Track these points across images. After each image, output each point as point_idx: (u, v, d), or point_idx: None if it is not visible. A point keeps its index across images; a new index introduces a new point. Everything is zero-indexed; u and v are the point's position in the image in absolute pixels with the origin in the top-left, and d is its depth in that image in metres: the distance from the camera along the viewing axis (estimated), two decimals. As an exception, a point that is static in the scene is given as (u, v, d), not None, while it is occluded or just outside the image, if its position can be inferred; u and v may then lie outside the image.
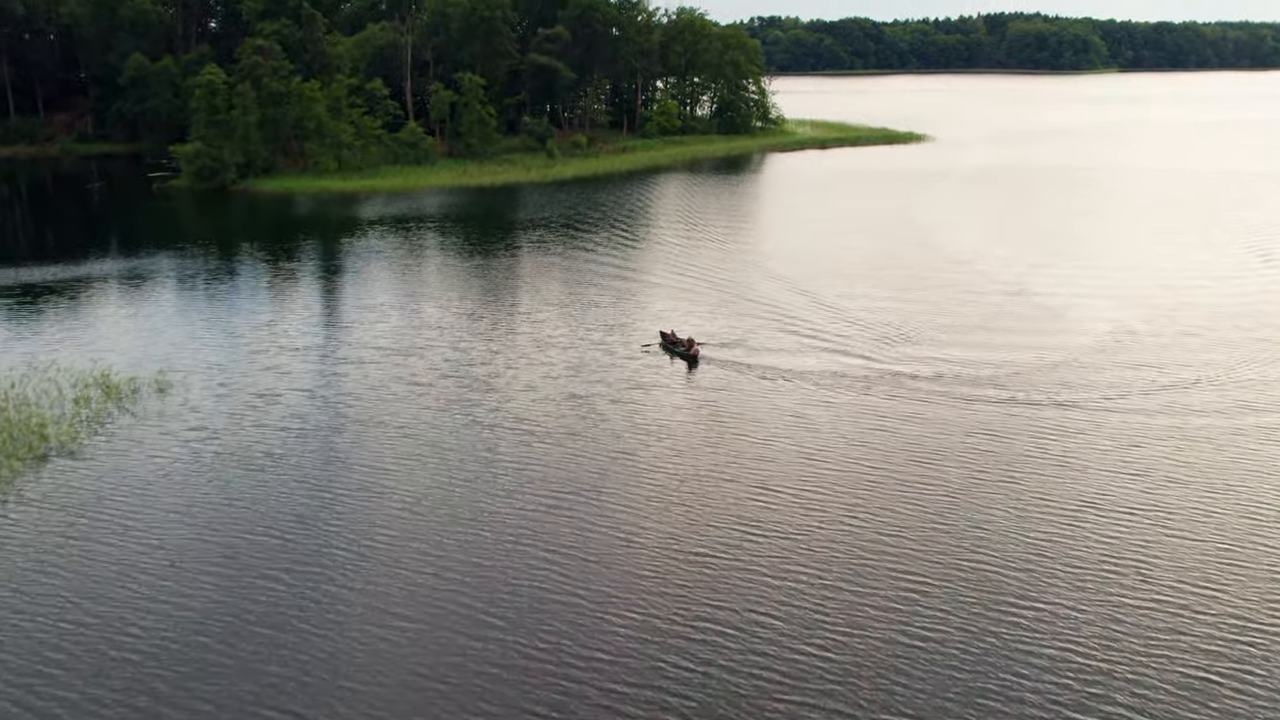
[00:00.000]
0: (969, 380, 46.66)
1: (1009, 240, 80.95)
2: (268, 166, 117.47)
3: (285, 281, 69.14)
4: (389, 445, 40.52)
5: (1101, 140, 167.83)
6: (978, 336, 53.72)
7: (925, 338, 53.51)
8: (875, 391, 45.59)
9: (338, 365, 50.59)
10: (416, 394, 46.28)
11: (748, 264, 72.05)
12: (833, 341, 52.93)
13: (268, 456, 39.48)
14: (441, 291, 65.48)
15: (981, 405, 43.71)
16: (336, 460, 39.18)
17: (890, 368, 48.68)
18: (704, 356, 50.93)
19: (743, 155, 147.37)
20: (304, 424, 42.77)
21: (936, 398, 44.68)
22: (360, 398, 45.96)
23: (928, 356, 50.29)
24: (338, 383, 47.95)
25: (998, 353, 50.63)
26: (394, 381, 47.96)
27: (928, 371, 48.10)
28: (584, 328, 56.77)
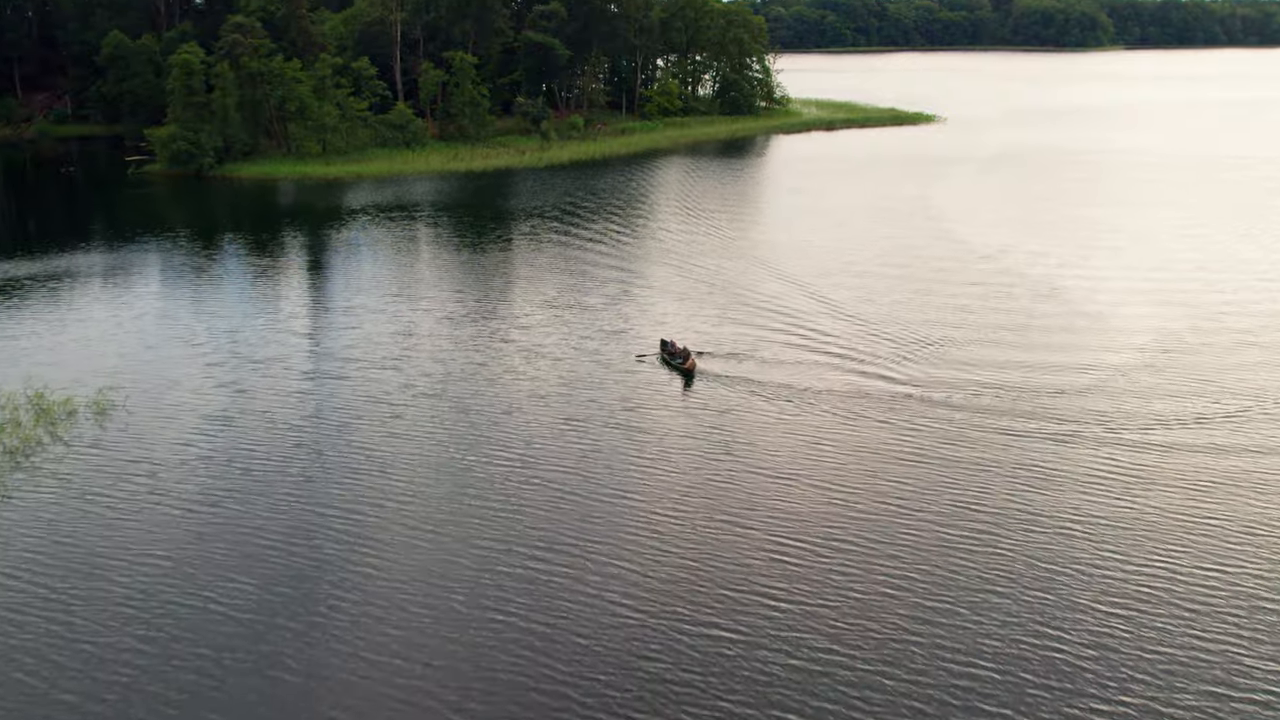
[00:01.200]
0: (1005, 409, 41.21)
1: (1035, 232, 75.58)
2: (248, 150, 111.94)
3: (254, 280, 63.85)
4: (351, 483, 35.40)
5: (1119, 121, 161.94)
6: (1011, 349, 48.39)
7: (951, 351, 48.22)
8: (895, 419, 40.37)
9: (302, 381, 45.43)
10: (387, 418, 41.13)
11: (753, 260, 66.73)
12: (847, 354, 47.70)
13: (211, 498, 34.35)
14: (423, 292, 60.22)
15: (1020, 440, 38.45)
16: (290, 504, 34.07)
17: (913, 388, 43.44)
18: (703, 371, 45.89)
19: (746, 138, 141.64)
20: (257, 456, 37.65)
21: (967, 428, 39.44)
22: (324, 421, 40.84)
23: (955, 375, 44.96)
24: (300, 404, 42.81)
25: (1035, 372, 45.21)
26: (362, 403, 42.79)
27: (956, 395, 42.80)
28: (577, 335, 51.58)
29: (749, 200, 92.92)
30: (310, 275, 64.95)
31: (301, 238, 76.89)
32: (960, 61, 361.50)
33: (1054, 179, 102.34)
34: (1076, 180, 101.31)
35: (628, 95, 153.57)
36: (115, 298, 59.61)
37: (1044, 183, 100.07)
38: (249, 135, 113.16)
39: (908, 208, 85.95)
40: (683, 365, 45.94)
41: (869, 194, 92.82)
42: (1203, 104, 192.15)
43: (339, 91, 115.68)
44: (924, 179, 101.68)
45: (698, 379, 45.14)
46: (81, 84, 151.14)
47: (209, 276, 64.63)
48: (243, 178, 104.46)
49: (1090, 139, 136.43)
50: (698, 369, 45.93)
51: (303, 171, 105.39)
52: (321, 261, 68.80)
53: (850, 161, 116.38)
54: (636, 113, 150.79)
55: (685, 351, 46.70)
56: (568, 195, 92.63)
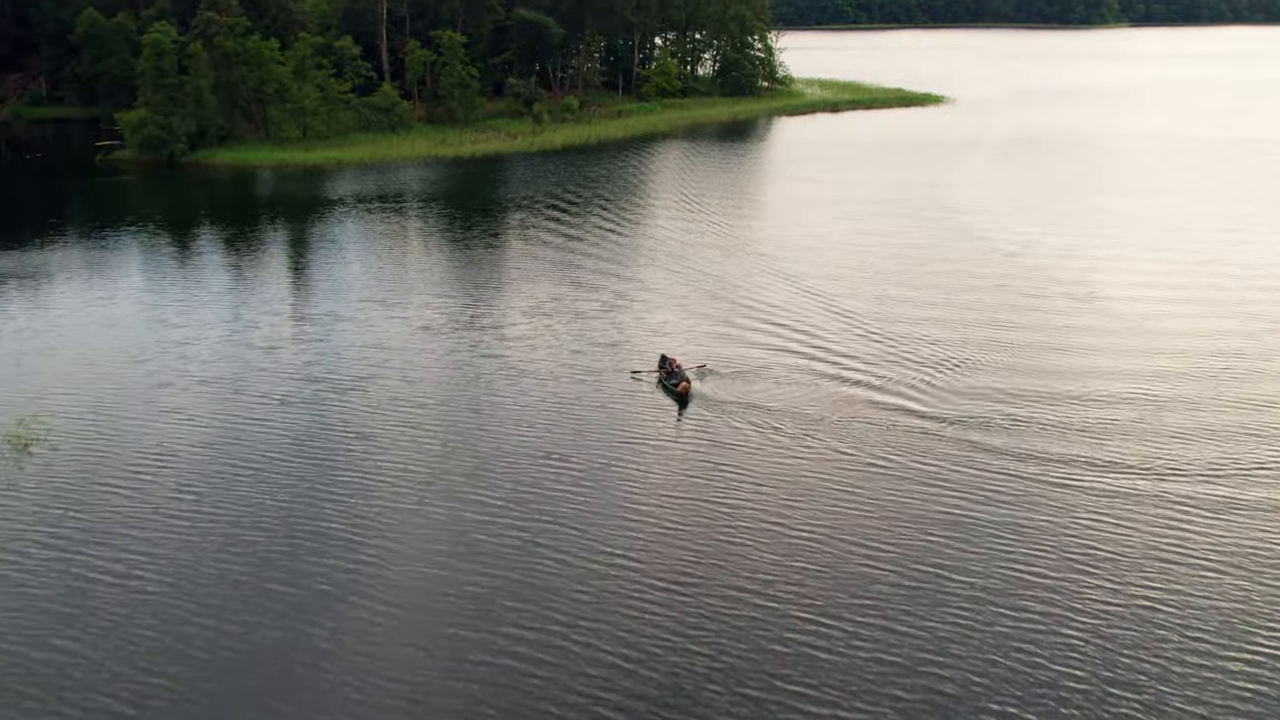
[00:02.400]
0: (1048, 452, 35.85)
1: (1060, 226, 70.23)
2: (224, 135, 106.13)
3: (214, 284, 58.44)
4: (296, 533, 30.25)
5: (1131, 102, 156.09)
6: (1050, 370, 42.97)
7: (982, 373, 42.82)
8: (917, 462, 35.20)
9: (253, 407, 40.19)
10: (345, 451, 35.99)
11: (759, 260, 61.35)
12: (862, 377, 42.39)
13: (133, 567, 29.17)
14: (399, 297, 54.88)
15: (1068, 489, 33.32)
16: (230, 561, 28.92)
17: (938, 422, 38.16)
18: (701, 395, 40.89)
19: (748, 120, 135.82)
20: (198, 506, 32.44)
21: (1002, 476, 34.19)
22: (273, 452, 35.69)
23: (987, 405, 39.56)
24: (253, 435, 37.62)
25: (1080, 405, 39.62)
26: (318, 433, 37.61)
27: (990, 432, 37.56)
28: (567, 349, 46.34)
29: (753, 190, 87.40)
30: (276, 278, 59.57)
31: (271, 233, 71.44)
32: (964, 39, 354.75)
33: (1073, 165, 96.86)
34: (1097, 166, 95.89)
35: (624, 75, 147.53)
36: (58, 304, 54.26)
37: (1063, 169, 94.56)
38: (225, 119, 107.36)
39: (921, 198, 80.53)
40: (675, 388, 40.86)
41: (880, 183, 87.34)
42: (1214, 84, 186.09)
43: (320, 73, 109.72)
44: (936, 165, 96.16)
45: (695, 403, 40.07)
46: (56, 64, 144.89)
47: (165, 279, 59.22)
48: (217, 165, 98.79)
49: (1104, 121, 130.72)
50: (693, 392, 40.98)
51: (280, 158, 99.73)
52: (289, 262, 63.44)
53: (858, 146, 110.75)
54: (633, 94, 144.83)
55: (682, 372, 41.60)
56: (560, 184, 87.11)
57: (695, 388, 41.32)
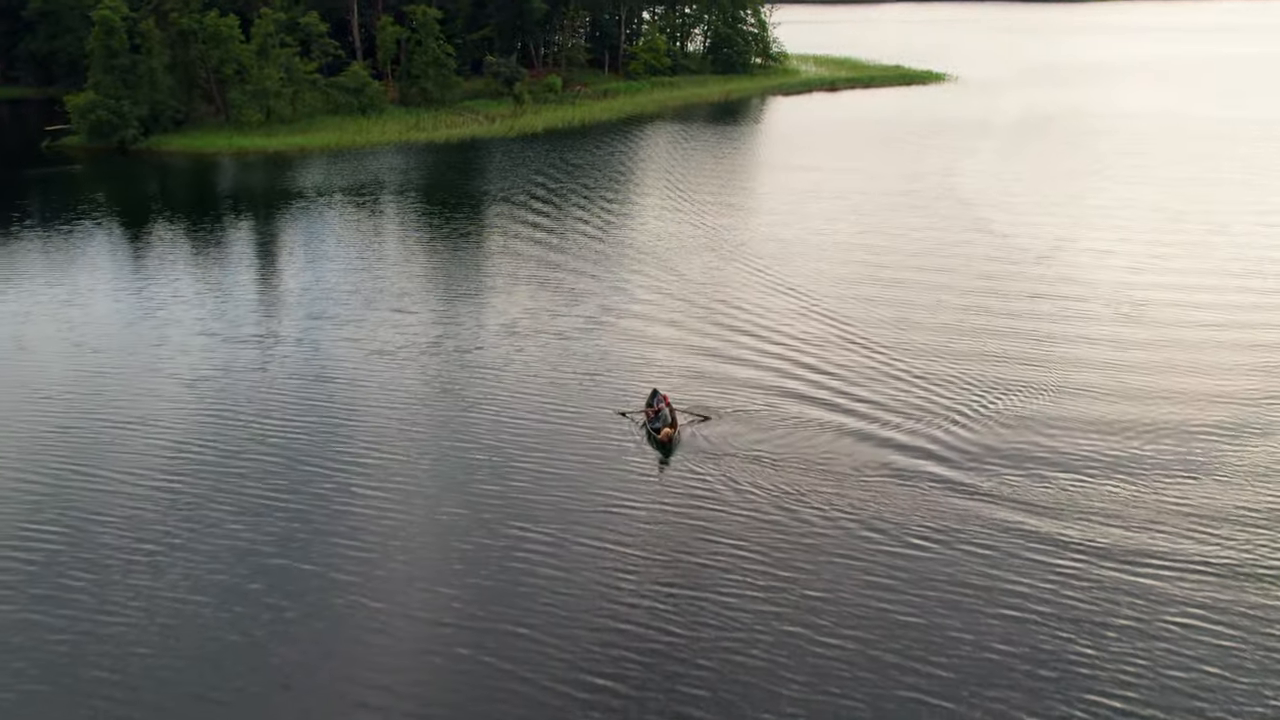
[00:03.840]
0: (1115, 544, 29.72)
1: (1090, 221, 63.82)
2: (181, 120, 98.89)
3: (143, 296, 51.58)
4: (213, 642, 23.81)
5: (1138, 80, 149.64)
6: (1107, 419, 36.36)
7: (1022, 415, 36.29)
8: (946, 542, 28.86)
9: (164, 456, 33.56)
10: (273, 510, 29.43)
11: (758, 266, 54.69)
12: (877, 418, 35.97)
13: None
14: (351, 314, 48.18)
15: (1144, 590, 27.09)
16: (90, 646, 22.50)
17: (972, 485, 31.83)
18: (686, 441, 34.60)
19: (742, 100, 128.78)
20: (83, 582, 25.96)
21: (1052, 561, 27.97)
22: (184, 527, 29.12)
23: (1030, 460, 33.21)
24: (156, 496, 31.03)
25: (1146, 471, 33.16)
26: (236, 486, 31.02)
27: (1037, 503, 31.22)
28: (541, 378, 39.79)
29: (749, 182, 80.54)
30: (212, 290, 52.75)
31: (214, 234, 64.47)
32: (957, 12, 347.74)
33: (1092, 150, 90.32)
34: (1117, 151, 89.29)
35: (611, 52, 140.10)
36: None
37: (1081, 155, 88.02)
38: (182, 102, 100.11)
39: (933, 189, 73.97)
40: (657, 434, 34.65)
41: (887, 172, 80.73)
42: (1219, 60, 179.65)
43: (284, 51, 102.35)
44: (945, 151, 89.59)
45: (681, 451, 33.77)
46: (9, 41, 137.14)
47: (88, 292, 52.32)
48: (171, 152, 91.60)
49: (1114, 100, 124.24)
50: (677, 439, 34.74)
51: (240, 144, 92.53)
52: (230, 271, 56.55)
53: (859, 129, 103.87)
54: (620, 72, 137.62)
55: (667, 415, 35.22)
56: (539, 174, 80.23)
57: (686, 430, 35.01)
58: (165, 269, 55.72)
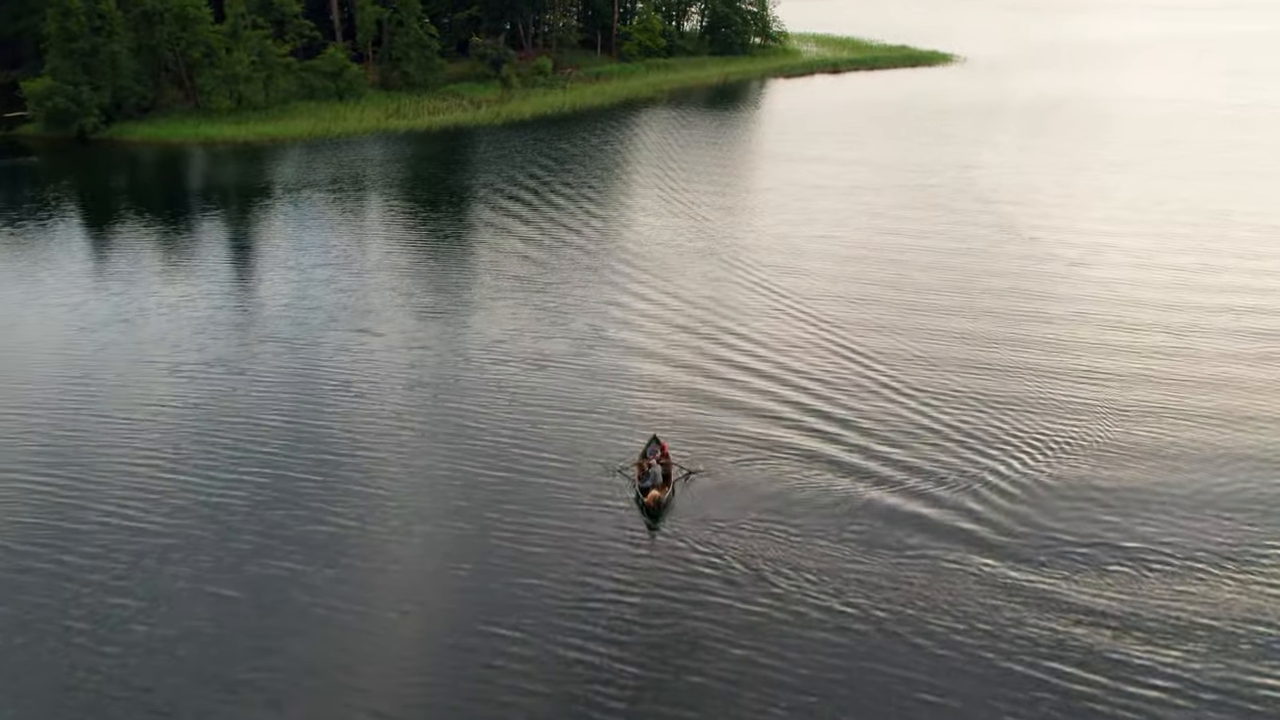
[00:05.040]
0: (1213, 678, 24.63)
1: (1128, 222, 58.46)
2: (146, 107, 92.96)
3: (69, 316, 46.08)
4: None
5: (1155, 61, 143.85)
6: (1186, 493, 30.97)
7: (1076, 482, 31.21)
8: (994, 643, 23.75)
9: (86, 497, 28.26)
10: (205, 578, 24.22)
11: (764, 279, 49.14)
12: (902, 472, 30.95)
13: None
14: (308, 334, 42.73)
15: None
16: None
17: (1019, 574, 26.78)
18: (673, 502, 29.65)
19: (741, 82, 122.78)
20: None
21: (1127, 688, 22.86)
22: (81, 609, 23.93)
23: (1091, 553, 28.08)
24: (69, 552, 25.79)
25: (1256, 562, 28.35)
26: (145, 565, 25.77)
27: (1098, 593, 26.16)
28: (519, 421, 34.46)
29: (751, 175, 74.74)
30: (151, 308, 47.25)
31: (165, 236, 58.87)
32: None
33: (1114, 139, 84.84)
34: (1144, 142, 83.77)
35: (603, 33, 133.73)
36: None
37: (1104, 145, 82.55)
38: (149, 88, 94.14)
39: (951, 183, 68.51)
40: (643, 497, 29.50)
41: (898, 163, 75.20)
42: (1228, 38, 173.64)
43: (256, 33, 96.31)
44: (959, 140, 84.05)
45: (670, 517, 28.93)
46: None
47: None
48: (134, 142, 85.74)
49: (1130, 84, 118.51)
50: (669, 502, 29.74)
51: (208, 133, 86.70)
52: (178, 282, 51.02)
53: (866, 115, 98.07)
54: (613, 53, 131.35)
55: (656, 473, 30.06)
56: (525, 167, 74.55)
57: (680, 488, 29.85)
58: (115, 276, 50.18)
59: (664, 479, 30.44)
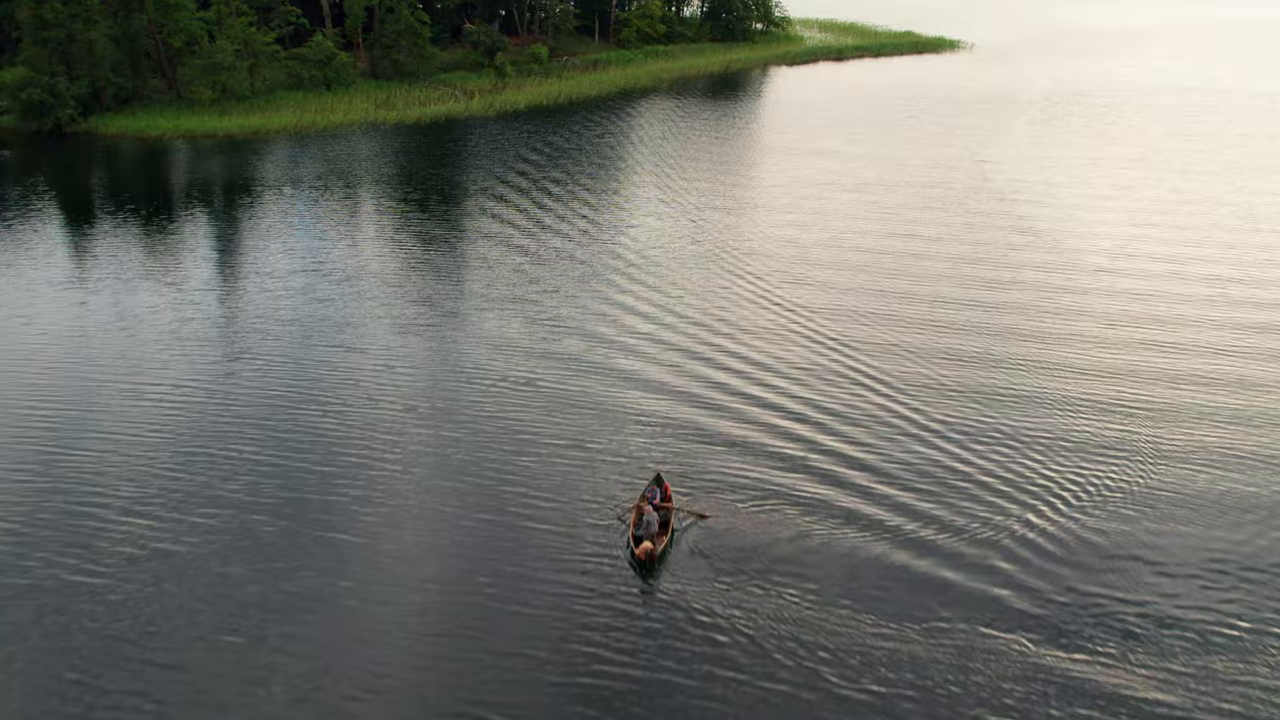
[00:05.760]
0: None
1: (1155, 224, 55.08)
2: (126, 98, 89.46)
3: (18, 323, 42.82)
4: None
5: (1168, 47, 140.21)
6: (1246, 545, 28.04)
7: (1119, 539, 28.06)
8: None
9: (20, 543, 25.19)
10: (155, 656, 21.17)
11: (769, 291, 45.84)
12: (929, 532, 27.76)
13: None
14: (278, 356, 39.45)
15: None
16: None
17: (1060, 646, 23.70)
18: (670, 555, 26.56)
19: (742, 70, 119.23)
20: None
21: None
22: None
23: (1138, 625, 25.08)
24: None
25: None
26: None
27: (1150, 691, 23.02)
28: (504, 452, 31.24)
29: (755, 171, 71.19)
30: (112, 321, 43.97)
31: (133, 241, 55.50)
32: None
33: (1132, 130, 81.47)
34: (1161, 131, 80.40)
35: (601, 19, 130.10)
36: None
37: (1122, 136, 79.21)
38: (129, 78, 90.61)
39: (965, 180, 65.15)
40: (634, 548, 26.37)
41: (909, 157, 71.83)
42: (1251, 25, 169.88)
43: (239, 20, 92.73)
44: (972, 132, 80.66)
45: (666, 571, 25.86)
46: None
47: None
48: (111, 135, 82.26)
49: (1145, 72, 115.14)
50: (665, 554, 26.59)
51: (188, 126, 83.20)
52: (141, 295, 47.71)
53: (873, 105, 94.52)
54: (611, 40, 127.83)
55: (655, 522, 26.85)
56: (517, 162, 71.16)
57: (681, 536, 26.74)
58: (79, 283, 46.89)
59: (662, 526, 27.34)
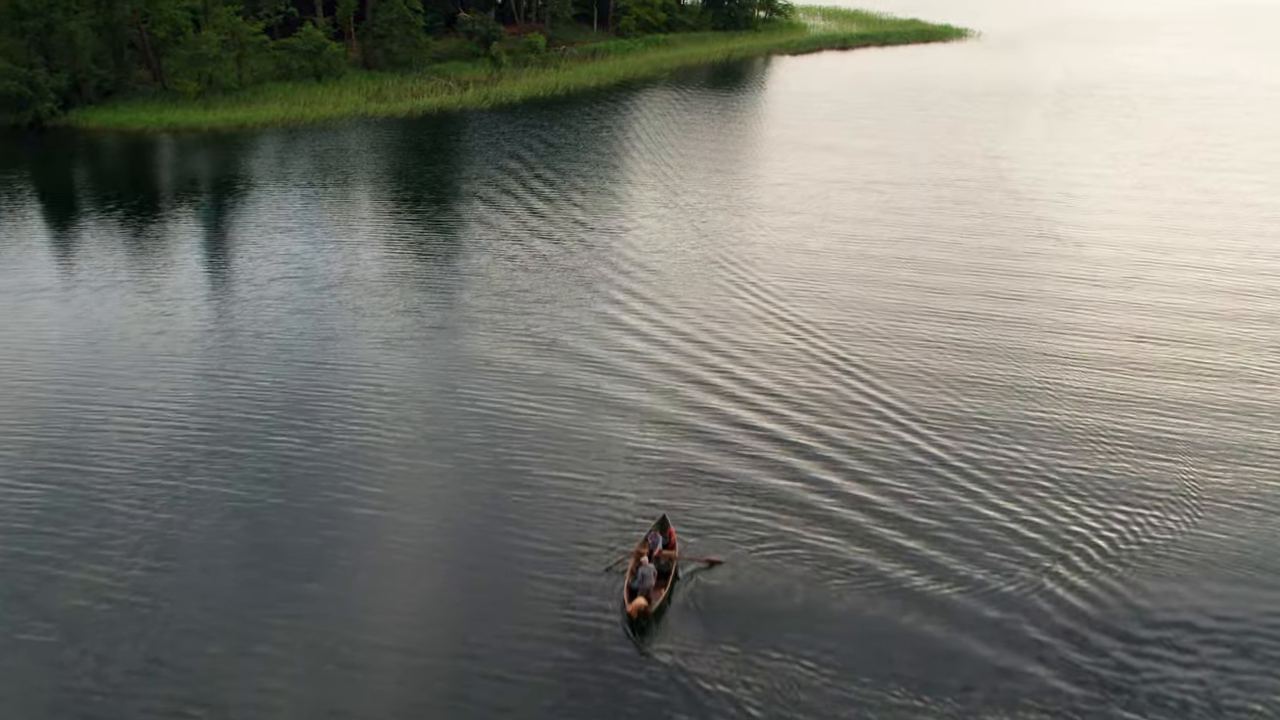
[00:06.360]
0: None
1: (1183, 228, 52.26)
2: (109, 89, 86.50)
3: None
4: None
5: (1182, 35, 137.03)
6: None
7: (1171, 600, 25.50)
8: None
9: None
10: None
11: (776, 302, 42.96)
12: (963, 591, 25.04)
13: None
14: (249, 375, 36.72)
15: None
16: None
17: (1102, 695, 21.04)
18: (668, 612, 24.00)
19: (745, 59, 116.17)
20: None
21: None
22: None
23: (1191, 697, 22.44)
24: None
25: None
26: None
27: None
28: (495, 503, 28.57)
29: (759, 167, 68.24)
30: (78, 334, 41.25)
31: (107, 245, 52.70)
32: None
33: (1148, 123, 78.65)
34: (1179, 124, 77.51)
35: (600, 7, 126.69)
36: None
37: (1139, 130, 76.37)
38: (113, 70, 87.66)
39: (979, 178, 62.35)
40: (626, 605, 23.68)
41: (920, 153, 68.98)
42: (1265, 11, 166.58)
43: (226, 10, 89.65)
44: (984, 126, 77.82)
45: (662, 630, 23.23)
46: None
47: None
48: (92, 129, 79.31)
49: (1159, 61, 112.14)
50: (660, 611, 23.90)
51: (172, 119, 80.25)
52: (108, 306, 44.96)
53: (880, 97, 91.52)
54: (610, 29, 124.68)
55: (652, 575, 24.15)
56: (512, 160, 68.24)
57: (685, 587, 24.19)
58: (45, 293, 44.14)
59: (661, 578, 24.71)
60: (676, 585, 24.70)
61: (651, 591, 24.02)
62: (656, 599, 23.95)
